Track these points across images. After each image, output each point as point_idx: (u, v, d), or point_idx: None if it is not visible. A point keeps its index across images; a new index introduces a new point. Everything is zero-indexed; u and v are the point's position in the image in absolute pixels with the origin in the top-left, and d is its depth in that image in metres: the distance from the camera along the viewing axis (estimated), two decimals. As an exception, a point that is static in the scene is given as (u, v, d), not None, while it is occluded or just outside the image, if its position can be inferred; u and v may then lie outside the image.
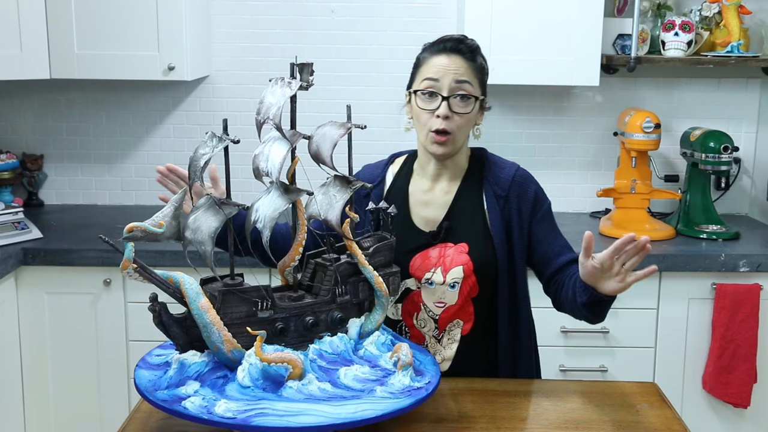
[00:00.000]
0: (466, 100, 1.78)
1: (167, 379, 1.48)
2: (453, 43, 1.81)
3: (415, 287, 1.86)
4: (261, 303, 1.50)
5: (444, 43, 1.81)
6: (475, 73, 1.81)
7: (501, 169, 1.89)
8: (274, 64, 3.25)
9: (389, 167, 1.96)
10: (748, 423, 2.88)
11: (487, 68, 1.86)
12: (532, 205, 1.87)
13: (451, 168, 1.88)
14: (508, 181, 1.87)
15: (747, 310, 2.77)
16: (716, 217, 3.08)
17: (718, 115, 3.35)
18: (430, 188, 1.90)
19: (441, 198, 1.88)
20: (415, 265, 1.84)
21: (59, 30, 2.92)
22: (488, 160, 1.91)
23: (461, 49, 1.80)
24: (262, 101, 1.54)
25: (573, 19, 2.95)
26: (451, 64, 1.78)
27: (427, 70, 1.80)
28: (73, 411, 2.85)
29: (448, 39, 1.82)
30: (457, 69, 1.78)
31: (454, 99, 1.77)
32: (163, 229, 1.44)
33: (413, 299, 1.86)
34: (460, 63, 1.79)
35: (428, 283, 1.83)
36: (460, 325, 1.86)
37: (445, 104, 1.77)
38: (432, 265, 1.83)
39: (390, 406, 1.44)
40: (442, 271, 1.83)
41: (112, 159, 3.40)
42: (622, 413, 1.66)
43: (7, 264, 2.65)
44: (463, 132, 1.82)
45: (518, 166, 1.91)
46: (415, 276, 1.84)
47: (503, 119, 3.36)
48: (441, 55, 1.80)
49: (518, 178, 1.88)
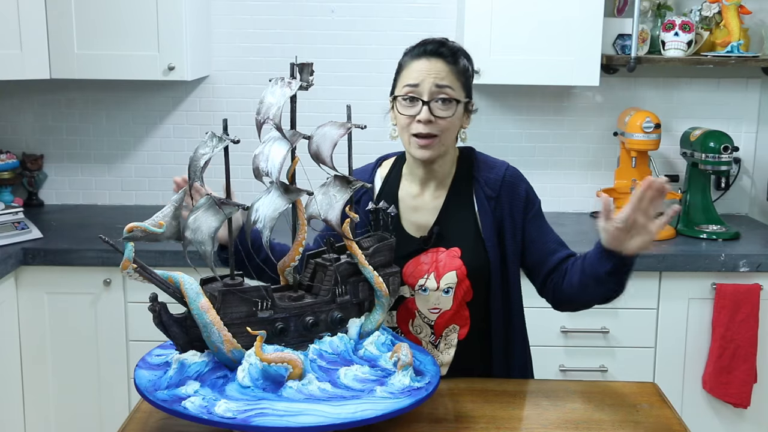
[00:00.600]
0: (448, 103, 1.75)
1: (167, 379, 1.48)
2: (434, 46, 1.78)
3: (408, 294, 1.83)
4: (261, 303, 1.50)
5: (424, 47, 1.78)
6: (456, 76, 1.77)
7: (491, 169, 1.86)
8: (274, 64, 3.25)
9: (377, 171, 1.94)
10: (748, 423, 2.88)
11: (471, 70, 1.83)
12: (524, 204, 1.84)
13: (439, 172, 1.85)
14: (498, 181, 1.84)
15: (747, 310, 2.77)
16: (716, 217, 3.08)
17: (718, 115, 3.35)
18: (420, 193, 1.87)
19: (431, 203, 1.86)
20: (408, 272, 1.81)
21: (59, 30, 2.92)
22: (477, 160, 1.88)
23: (442, 52, 1.77)
24: (262, 101, 1.54)
25: (573, 19, 2.95)
26: (431, 68, 1.75)
27: (408, 75, 1.78)
28: (73, 411, 2.85)
29: (428, 42, 1.79)
30: (437, 73, 1.75)
31: (435, 103, 1.75)
32: (163, 229, 1.44)
33: (407, 306, 1.83)
34: (440, 67, 1.76)
35: (422, 289, 1.81)
36: (456, 330, 1.84)
37: (426, 109, 1.74)
38: (425, 271, 1.81)
39: (390, 406, 1.44)
40: (436, 276, 1.80)
41: (112, 159, 3.40)
42: (622, 413, 1.66)
43: (7, 264, 2.65)
44: (448, 136, 1.78)
45: (507, 164, 1.88)
46: (408, 283, 1.81)
47: (503, 119, 3.36)
48: (421, 59, 1.77)
49: (508, 177, 1.85)
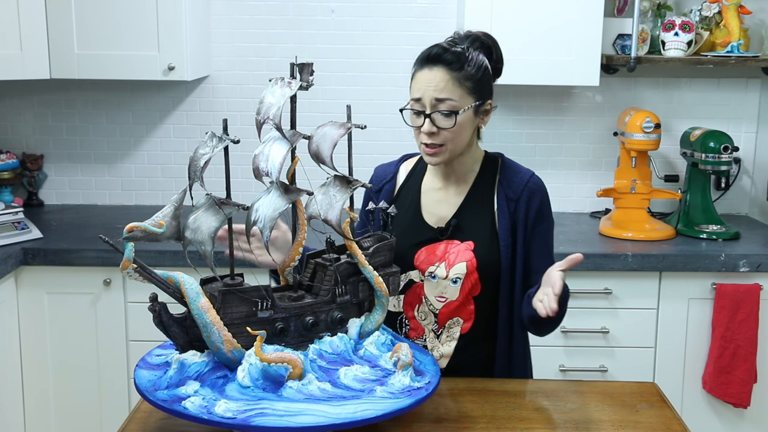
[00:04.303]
0: (448, 115, 1.76)
1: (167, 379, 1.48)
2: (438, 50, 1.77)
3: (418, 279, 1.89)
4: (261, 303, 1.50)
5: (429, 53, 1.78)
6: (460, 84, 1.76)
7: (516, 174, 1.90)
8: (274, 64, 3.25)
9: (402, 165, 2.00)
10: (748, 423, 2.88)
11: (482, 69, 1.80)
12: (536, 213, 1.87)
13: (458, 169, 1.90)
14: (521, 185, 1.88)
15: (747, 310, 2.77)
16: (716, 217, 3.08)
17: (718, 115, 3.35)
18: (443, 187, 1.92)
19: (452, 198, 1.91)
20: (420, 258, 1.87)
21: (59, 30, 2.92)
22: (504, 164, 1.92)
23: (446, 58, 1.76)
24: (262, 101, 1.54)
25: (573, 19, 2.95)
26: (431, 79, 1.76)
27: (414, 87, 1.80)
28: (73, 411, 2.85)
29: (434, 46, 1.79)
30: (437, 84, 1.75)
31: (436, 115, 1.76)
32: (163, 229, 1.44)
33: (415, 291, 1.89)
34: (441, 76, 1.75)
35: (431, 276, 1.86)
36: (459, 323, 1.88)
37: (429, 121, 1.76)
38: (437, 259, 1.86)
39: (390, 406, 1.44)
40: (446, 265, 1.85)
41: (112, 159, 3.40)
42: (622, 413, 1.66)
43: (7, 264, 2.65)
44: (457, 140, 1.80)
45: (533, 173, 1.92)
46: (419, 268, 1.88)
47: (503, 119, 3.36)
48: (423, 69, 1.78)
49: (531, 184, 1.89)
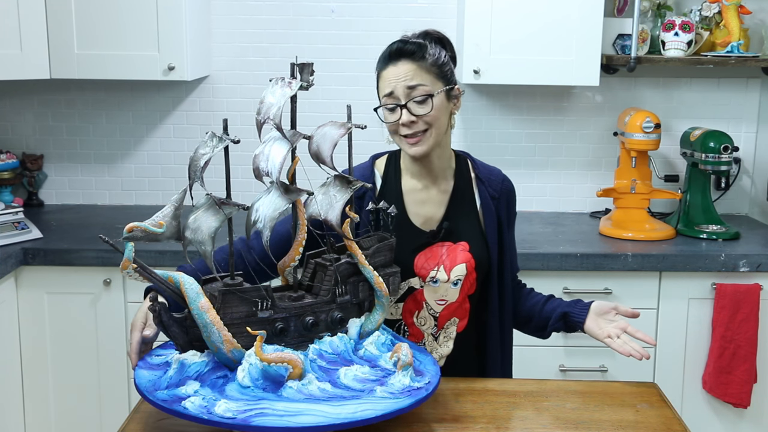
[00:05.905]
0: (423, 101, 1.77)
1: (167, 379, 1.48)
2: (398, 45, 1.79)
3: (419, 286, 1.87)
4: (261, 303, 1.50)
5: (389, 50, 1.80)
6: (426, 70, 1.78)
7: (491, 172, 1.96)
8: (274, 64, 3.25)
9: (374, 168, 1.96)
10: (748, 423, 2.88)
11: (442, 56, 1.81)
12: (510, 211, 1.96)
13: (437, 164, 1.88)
14: (499, 183, 1.94)
15: (747, 310, 2.77)
16: (716, 217, 3.08)
17: (718, 115, 3.35)
18: (425, 186, 1.90)
19: (437, 196, 1.90)
20: (419, 264, 1.86)
21: (59, 30, 2.92)
22: (474, 162, 1.95)
23: (407, 50, 1.78)
24: (262, 101, 1.54)
25: (573, 19, 2.95)
26: (399, 72, 1.77)
27: (382, 86, 1.81)
28: (73, 411, 2.85)
29: (392, 44, 1.81)
30: (405, 75, 1.77)
31: (412, 103, 1.77)
32: (163, 229, 1.44)
33: (416, 298, 1.87)
34: (407, 67, 1.77)
35: (432, 281, 1.86)
36: (455, 322, 1.90)
37: (405, 111, 1.77)
38: (436, 264, 1.85)
39: (390, 406, 1.44)
40: (446, 268, 1.85)
41: (112, 159, 3.40)
42: (622, 413, 1.66)
43: (7, 264, 2.65)
44: (437, 126, 1.80)
45: (500, 170, 1.98)
46: (420, 275, 1.86)
47: (503, 119, 3.36)
48: (388, 66, 1.79)
49: (506, 182, 1.96)
